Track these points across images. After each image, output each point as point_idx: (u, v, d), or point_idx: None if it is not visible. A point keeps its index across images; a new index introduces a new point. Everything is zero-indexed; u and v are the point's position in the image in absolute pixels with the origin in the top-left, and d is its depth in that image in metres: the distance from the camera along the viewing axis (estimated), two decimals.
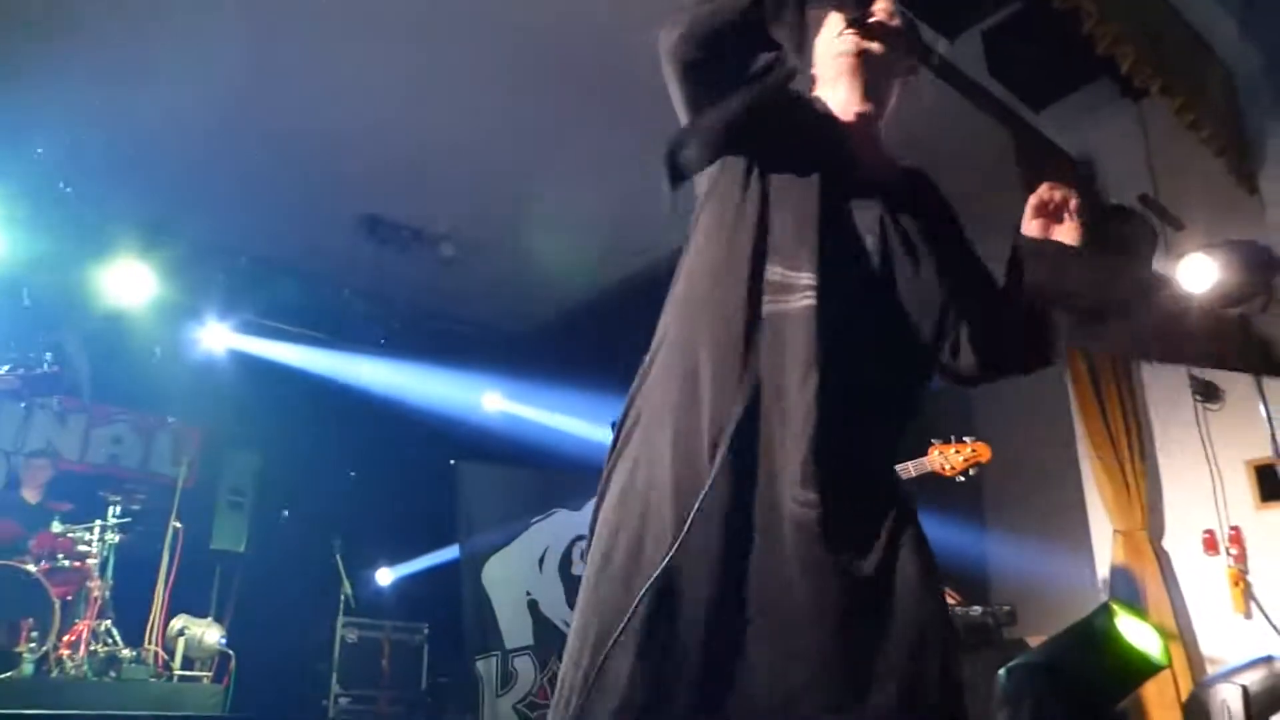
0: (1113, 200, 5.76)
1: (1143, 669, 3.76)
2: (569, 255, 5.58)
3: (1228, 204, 5.28)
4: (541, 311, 6.26)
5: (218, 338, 6.47)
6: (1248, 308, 5.08)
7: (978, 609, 4.84)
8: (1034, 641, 4.50)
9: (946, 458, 2.90)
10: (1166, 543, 5.26)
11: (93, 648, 5.00)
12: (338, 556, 6.28)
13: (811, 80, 1.89)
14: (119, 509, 5.46)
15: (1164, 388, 5.42)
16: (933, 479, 2.98)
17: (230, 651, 5.36)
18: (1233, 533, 5.02)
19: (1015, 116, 5.53)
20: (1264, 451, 4.87)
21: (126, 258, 5.98)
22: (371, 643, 6.18)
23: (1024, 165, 5.64)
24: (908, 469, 2.91)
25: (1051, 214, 1.88)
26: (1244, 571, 4.94)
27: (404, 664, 6.20)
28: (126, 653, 5.07)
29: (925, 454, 2.93)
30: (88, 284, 6.03)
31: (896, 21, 1.87)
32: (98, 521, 5.38)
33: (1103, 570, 5.33)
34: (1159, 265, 5.29)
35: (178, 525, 5.71)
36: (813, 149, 1.72)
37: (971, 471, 2.89)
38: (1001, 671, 3.45)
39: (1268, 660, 3.83)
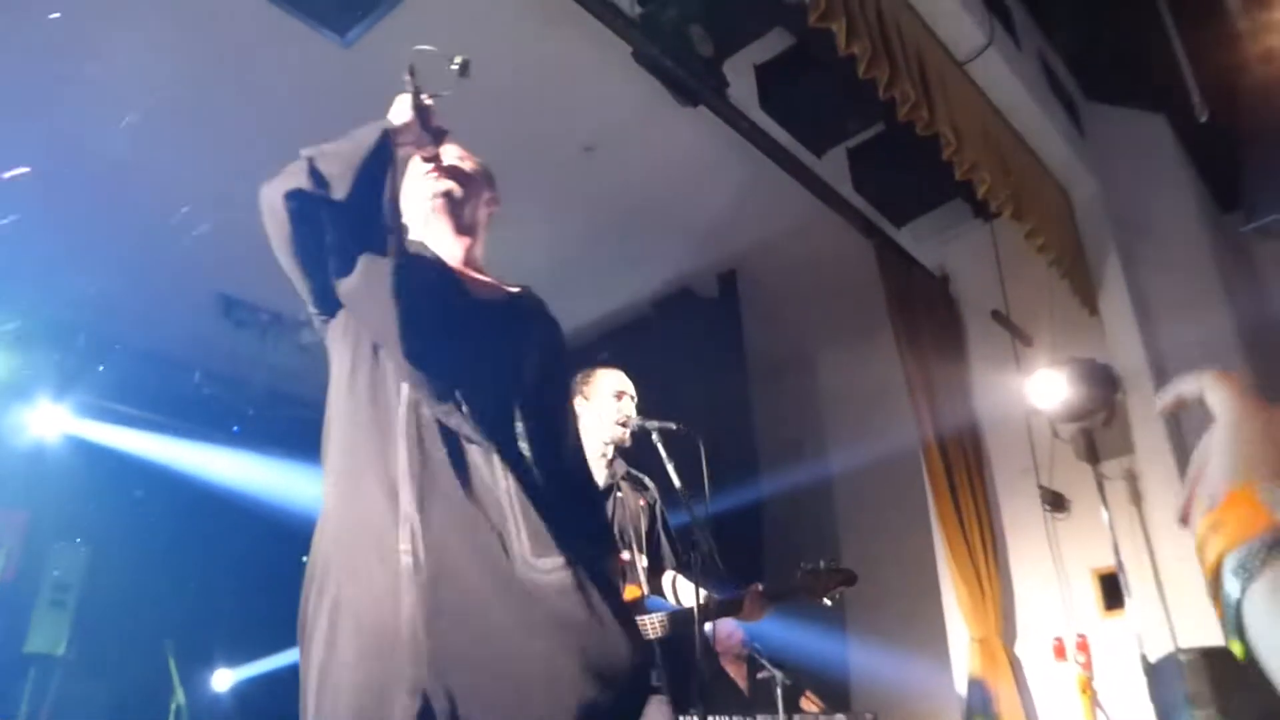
0: (965, 314, 6.05)
1: None
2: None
3: (1072, 322, 5.61)
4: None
5: (51, 421, 6.00)
6: (1091, 422, 5.37)
7: (840, 717, 4.81)
8: None
9: (818, 582, 2.90)
10: (1019, 649, 5.39)
11: None
12: (170, 658, 5.79)
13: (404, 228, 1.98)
14: None
15: (1016, 498, 5.63)
16: (796, 598, 2.97)
17: None
18: (1080, 640, 5.18)
19: (877, 230, 5.78)
20: (1107, 560, 5.08)
21: None
22: None
23: (886, 275, 5.88)
24: (778, 591, 2.88)
25: None
26: (1090, 678, 5.09)
27: None
28: None
29: (796, 577, 2.91)
30: None
31: (470, 164, 2.08)
32: None
33: (960, 676, 5.41)
34: (1010, 379, 5.55)
35: None
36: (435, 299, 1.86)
37: (838, 596, 2.89)
38: None
39: None
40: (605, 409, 3.01)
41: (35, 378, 5.89)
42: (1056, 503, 5.44)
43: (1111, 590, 5.16)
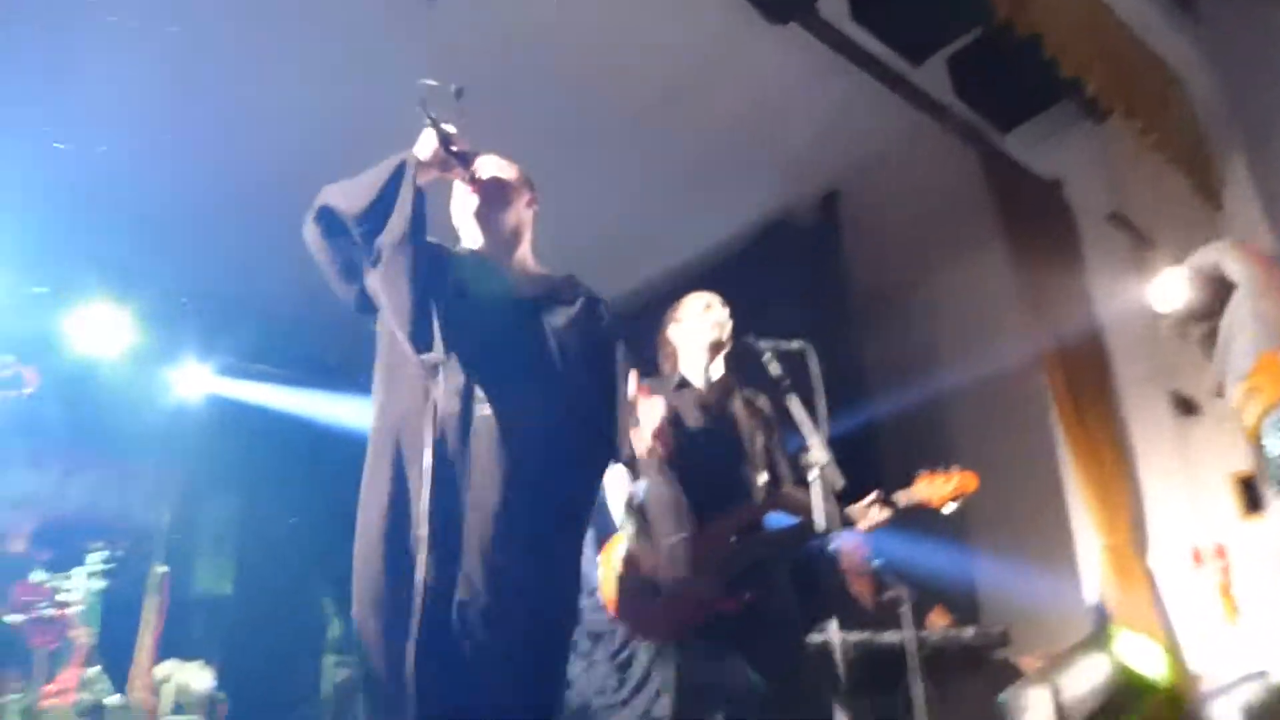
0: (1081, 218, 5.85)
1: (1145, 689, 3.76)
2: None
3: (1194, 221, 5.37)
4: None
5: (195, 381, 6.42)
6: (1217, 321, 5.15)
7: (970, 631, 4.84)
8: (1026, 661, 4.50)
9: (934, 488, 2.91)
10: (1152, 558, 5.29)
11: (79, 696, 4.92)
12: (325, 596, 6.21)
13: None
14: (101, 555, 5.39)
15: (1142, 403, 5.48)
16: (915, 507, 2.99)
17: (222, 695, 5.29)
18: (1217, 547, 5.06)
19: (983, 139, 5.63)
20: (1245, 464, 4.92)
21: (99, 303, 5.96)
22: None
23: (994, 185, 5.73)
24: (897, 500, 2.91)
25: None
26: (1230, 585, 4.97)
27: None
28: (113, 700, 4.99)
29: (910, 484, 2.93)
30: (60, 330, 5.99)
31: (508, 174, 2.40)
32: (79, 569, 5.30)
33: (1091, 587, 5.35)
34: (1131, 283, 5.37)
35: (161, 570, 5.64)
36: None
37: (959, 502, 2.90)
38: (1002, 696, 3.44)
39: (1261, 675, 3.84)
40: (695, 322, 3.12)
41: (179, 342, 6.30)
42: (1187, 407, 5.27)
43: (1251, 494, 5.00)
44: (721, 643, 2.85)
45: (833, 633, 2.54)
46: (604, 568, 3.00)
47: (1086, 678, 3.56)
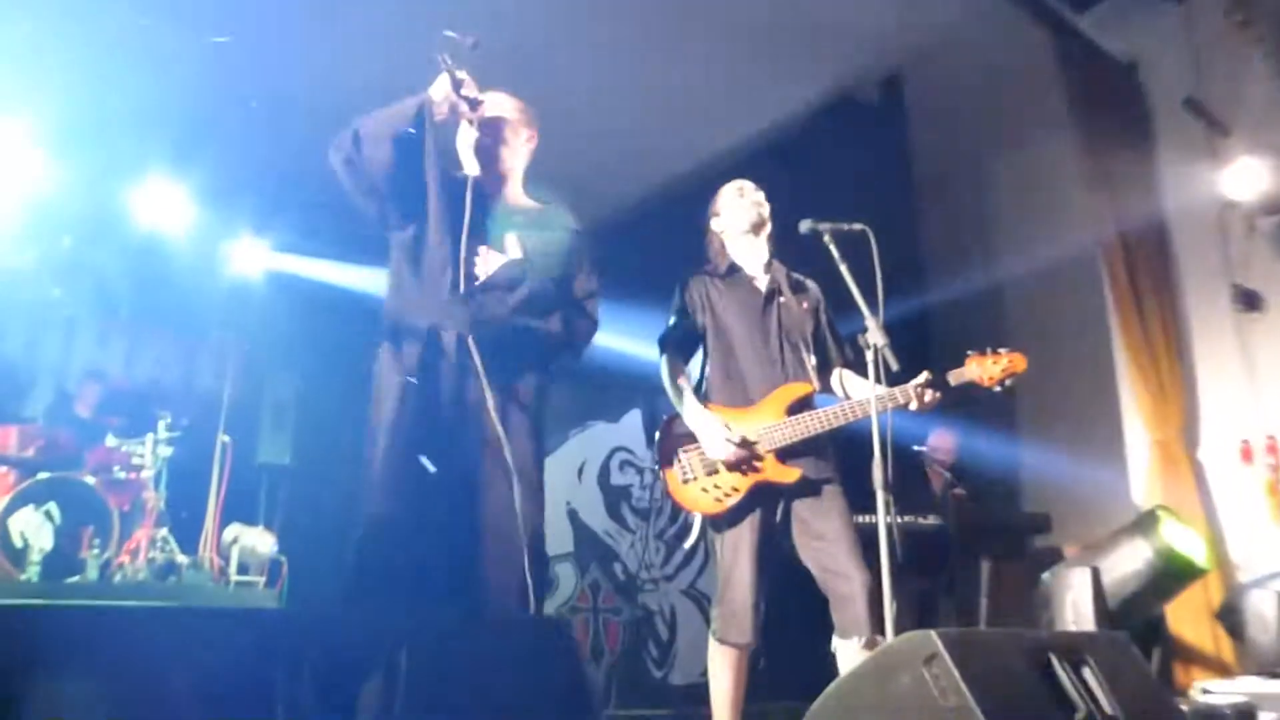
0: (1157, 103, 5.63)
1: (1186, 573, 3.82)
2: (603, 159, 5.54)
3: (1275, 109, 5.15)
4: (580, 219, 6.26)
5: (254, 257, 6.54)
6: None
7: (1012, 514, 4.91)
8: (1068, 549, 4.57)
9: (984, 368, 2.92)
10: (1202, 452, 5.27)
11: (151, 555, 5.20)
12: None
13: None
14: (168, 423, 5.61)
15: (1203, 295, 5.38)
16: (966, 388, 3.00)
17: (282, 558, 5.55)
18: (1269, 442, 5.02)
19: (1057, 18, 5.39)
20: None
21: (159, 179, 6.05)
22: None
23: (1066, 67, 5.52)
24: (948, 379, 2.93)
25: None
26: (1278, 482, 4.95)
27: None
28: (184, 559, 5.26)
29: (962, 365, 2.95)
30: (123, 206, 6.10)
31: (511, 113, 2.74)
32: (149, 435, 5.53)
33: (1138, 478, 5.37)
34: (1203, 172, 5.20)
35: (226, 439, 5.85)
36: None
37: (1008, 382, 2.91)
38: (1045, 575, 3.52)
39: None
40: (732, 210, 3.15)
41: (238, 217, 6.38)
42: (1250, 301, 5.16)
43: None
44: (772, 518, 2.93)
45: (880, 514, 2.57)
46: (661, 446, 3.06)
47: (1129, 561, 3.61)
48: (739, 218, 3.16)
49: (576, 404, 6.69)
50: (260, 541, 5.55)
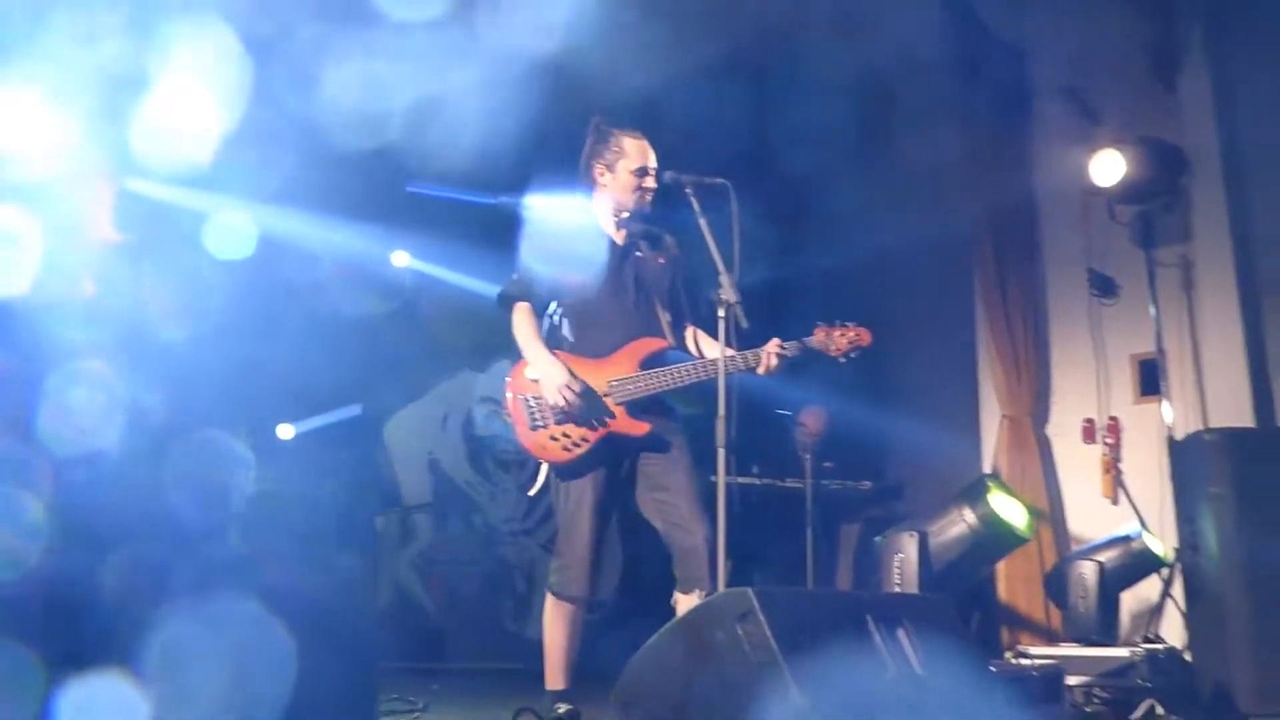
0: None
1: (1008, 539, 3.98)
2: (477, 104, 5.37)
3: (1147, 102, 5.33)
4: (455, 167, 6.07)
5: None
6: (1151, 205, 5.21)
7: (867, 483, 5.04)
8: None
9: (831, 340, 2.97)
10: (1050, 429, 5.49)
11: None
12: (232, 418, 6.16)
13: None
14: None
15: (1064, 280, 5.57)
16: (824, 360, 3.04)
17: None
18: (1110, 423, 5.26)
19: None
20: (1148, 346, 5.06)
21: None
22: (274, 496, 6.17)
23: (959, 44, 5.62)
24: (794, 347, 2.96)
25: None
26: (1116, 460, 5.20)
27: (310, 518, 6.22)
28: None
29: (811, 334, 2.98)
30: None
31: None
32: None
33: (988, 453, 5.56)
34: (1073, 158, 5.36)
35: None
36: None
37: (853, 354, 2.96)
38: (878, 538, 3.62)
39: (1125, 540, 4.07)
40: (626, 182, 3.02)
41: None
42: (1105, 287, 5.37)
43: (1148, 376, 5.17)
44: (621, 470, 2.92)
45: (720, 472, 2.57)
46: (510, 392, 3.00)
47: (955, 526, 3.74)
48: (629, 184, 3.04)
49: (443, 353, 6.56)
50: None
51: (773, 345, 2.89)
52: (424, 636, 6.03)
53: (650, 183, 3.03)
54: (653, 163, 3.06)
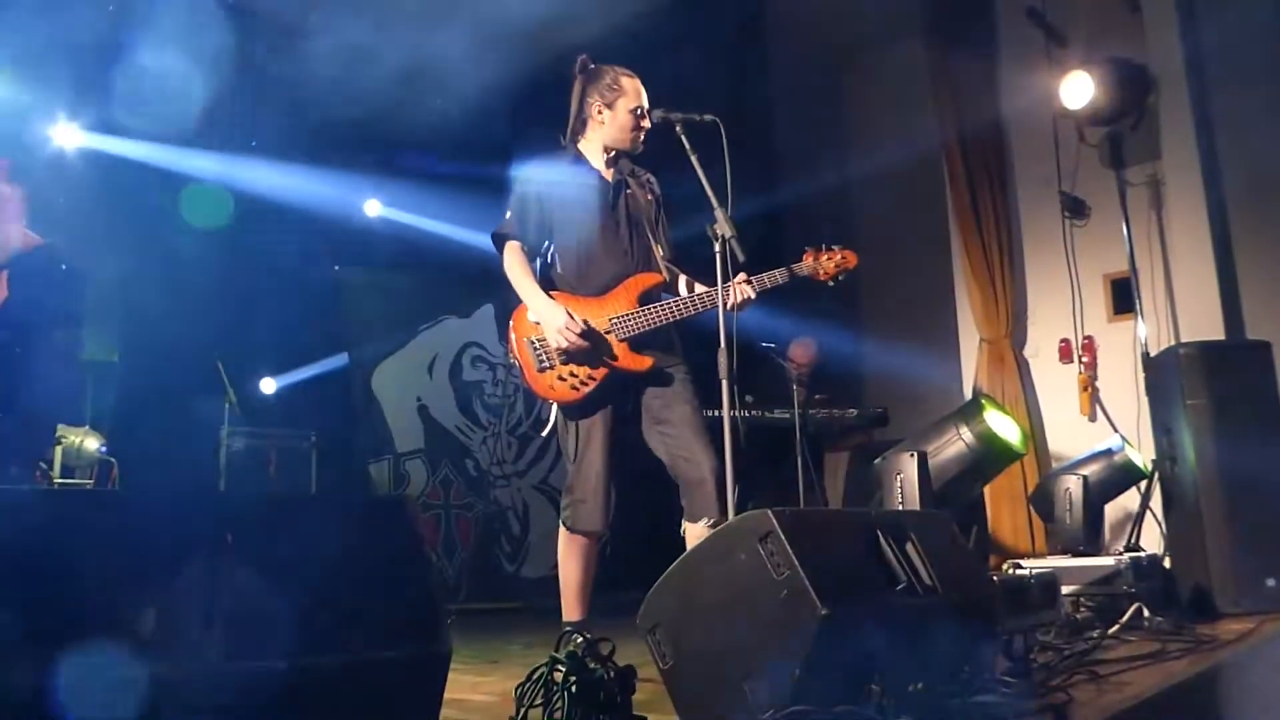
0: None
1: (1004, 455, 4.09)
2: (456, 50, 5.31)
3: (1112, 21, 5.37)
4: (423, 112, 6.00)
5: (69, 137, 5.99)
6: (1120, 126, 5.28)
7: (853, 411, 5.14)
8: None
9: (819, 263, 3.01)
10: (1028, 350, 5.61)
11: None
12: (219, 364, 6.12)
13: None
14: None
15: (1036, 203, 5.65)
16: (807, 285, 3.08)
17: (112, 459, 5.27)
18: (1086, 342, 5.39)
19: None
20: (1121, 266, 5.17)
21: None
22: (258, 450, 6.15)
23: None
24: (785, 272, 3.00)
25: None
26: (1093, 378, 5.34)
27: (292, 471, 6.22)
28: None
29: (800, 259, 3.02)
30: None
31: None
32: None
33: (968, 377, 5.68)
34: (1041, 81, 5.40)
35: None
36: None
37: (841, 277, 3.01)
38: (877, 460, 3.70)
39: (1107, 453, 4.21)
40: (624, 121, 3.02)
41: (51, 95, 5.82)
42: (1076, 209, 5.46)
43: (1122, 295, 5.29)
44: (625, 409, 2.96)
45: (725, 403, 2.63)
46: (514, 335, 3.02)
47: (953, 445, 3.85)
48: (627, 124, 3.03)
49: (428, 299, 6.54)
50: (86, 441, 5.25)
51: (742, 278, 2.91)
52: None
53: (647, 123, 3.03)
54: (647, 102, 3.06)
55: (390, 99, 5.30)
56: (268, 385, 6.64)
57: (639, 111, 3.02)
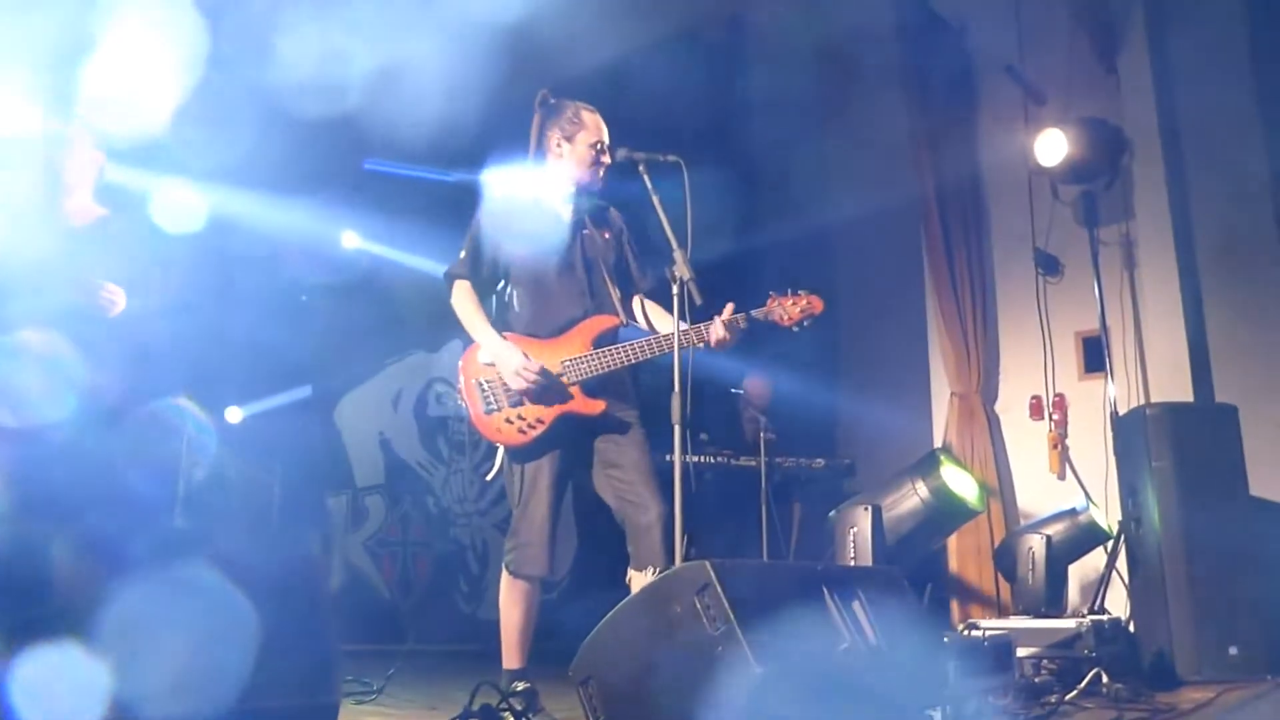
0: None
1: (959, 512, 4.05)
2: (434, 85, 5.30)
3: (1088, 82, 5.42)
4: (407, 145, 5.98)
5: None
6: (1093, 185, 5.31)
7: (820, 461, 5.09)
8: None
9: (784, 309, 2.96)
10: (998, 406, 5.58)
11: None
12: (184, 395, 6.03)
13: None
14: None
15: (1010, 259, 5.65)
16: (779, 333, 3.04)
17: None
18: (1057, 399, 5.36)
19: None
20: (1093, 324, 5.17)
21: None
22: (220, 480, 6.05)
23: (900, 24, 5.66)
24: (750, 316, 2.96)
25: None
26: (1063, 436, 5.31)
27: (255, 502, 6.12)
28: None
29: (764, 304, 2.98)
30: None
31: None
32: None
33: (939, 430, 5.64)
34: (1017, 138, 5.44)
35: None
36: None
37: (806, 323, 2.96)
38: (831, 513, 3.65)
39: (1071, 513, 4.16)
40: (584, 155, 2.99)
41: None
42: (1049, 265, 5.47)
43: (1093, 353, 5.28)
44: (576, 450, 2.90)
45: (676, 448, 2.57)
46: (463, 376, 2.97)
47: (908, 499, 3.80)
48: (586, 158, 3.00)
49: (394, 333, 6.47)
50: None
51: (723, 317, 2.88)
52: (377, 618, 5.98)
53: (607, 158, 3.01)
54: (608, 138, 3.04)
55: (359, 129, 5.27)
56: (233, 415, 6.54)
57: (599, 146, 3.00)
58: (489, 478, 3.06)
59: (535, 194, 3.05)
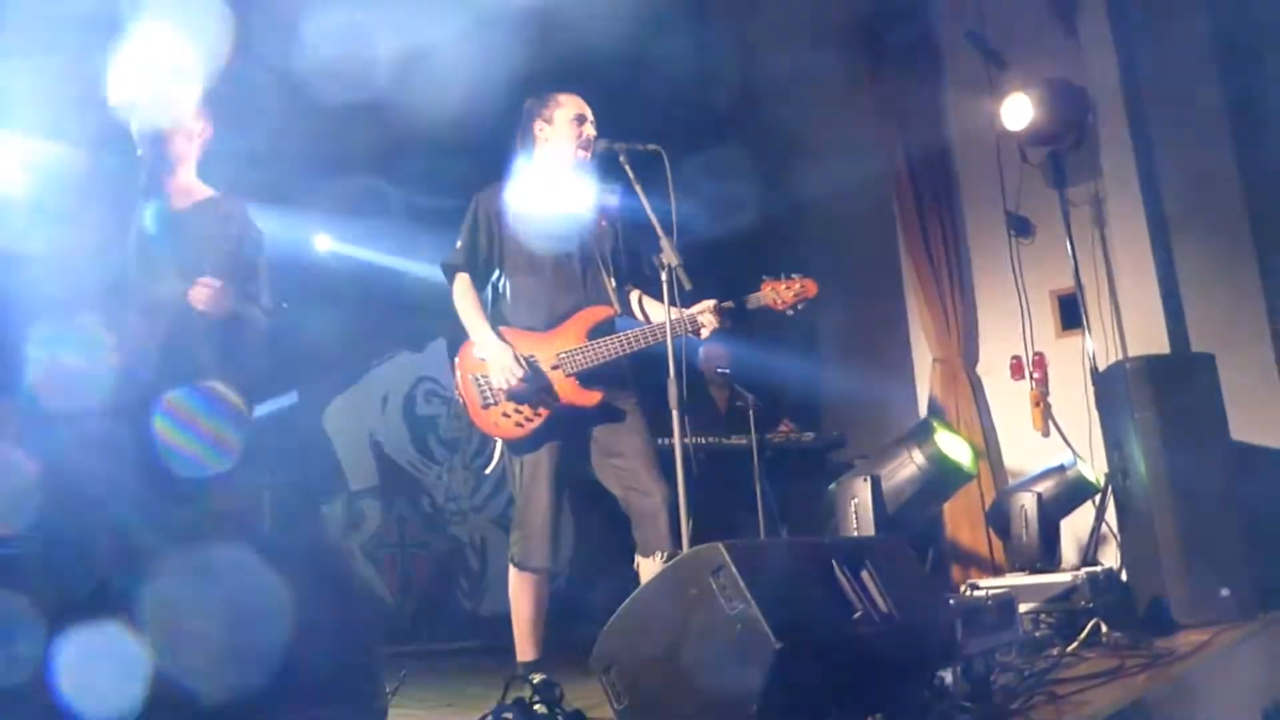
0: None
1: (956, 476, 4.11)
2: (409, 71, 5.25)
3: (1049, 44, 5.47)
4: (378, 144, 5.93)
5: None
6: (1060, 145, 5.37)
7: (810, 435, 5.13)
8: (859, 462, 4.82)
9: (778, 293, 3.00)
10: (980, 368, 5.66)
11: None
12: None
13: None
14: None
15: (982, 223, 5.72)
16: (767, 312, 3.07)
17: None
18: (1036, 358, 5.44)
19: None
20: (1067, 282, 5.25)
21: None
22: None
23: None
24: (744, 302, 2.99)
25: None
26: (1044, 394, 5.39)
27: (245, 511, 6.11)
28: None
29: (758, 289, 3.01)
30: None
31: None
32: None
33: (923, 396, 5.71)
34: (982, 103, 5.48)
35: None
36: None
37: (800, 307, 3.00)
38: (831, 486, 3.70)
39: (1059, 470, 4.24)
40: (566, 131, 3.01)
41: None
42: (1021, 227, 5.53)
43: (1069, 311, 5.36)
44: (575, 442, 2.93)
45: (676, 432, 2.60)
46: (460, 372, 2.98)
47: (905, 468, 3.85)
48: (567, 147, 3.01)
49: (380, 334, 6.46)
50: None
51: (713, 304, 2.91)
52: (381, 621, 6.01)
53: (590, 130, 3.01)
54: (589, 113, 3.06)
55: (339, 130, 5.23)
56: None
57: (580, 119, 3.01)
58: (488, 471, 3.09)
59: (528, 183, 3.06)
